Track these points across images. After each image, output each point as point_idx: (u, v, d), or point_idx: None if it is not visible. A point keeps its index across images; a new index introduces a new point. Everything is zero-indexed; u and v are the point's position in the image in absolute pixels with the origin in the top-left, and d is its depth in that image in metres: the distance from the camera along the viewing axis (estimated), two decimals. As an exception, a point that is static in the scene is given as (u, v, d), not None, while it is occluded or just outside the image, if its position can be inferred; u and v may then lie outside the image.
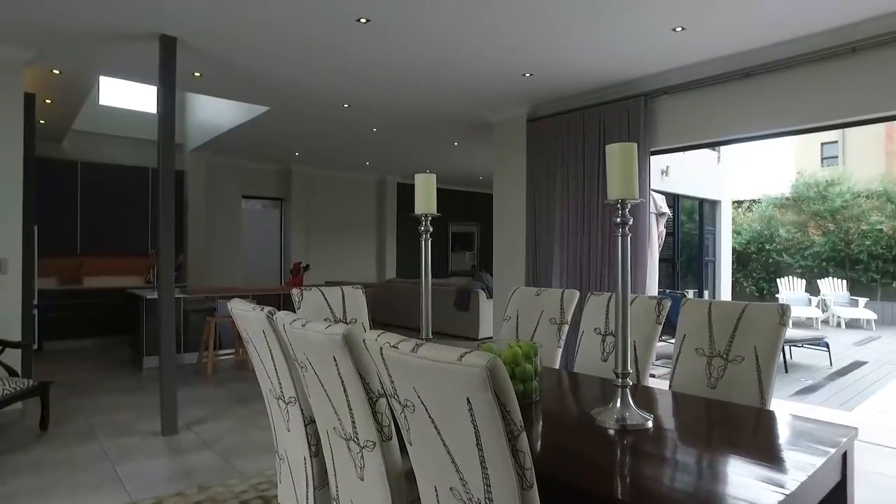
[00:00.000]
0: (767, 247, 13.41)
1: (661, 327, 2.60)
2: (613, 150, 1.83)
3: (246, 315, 2.03)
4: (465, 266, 13.05)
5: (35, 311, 5.87)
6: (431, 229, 2.69)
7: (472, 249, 13.28)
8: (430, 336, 2.69)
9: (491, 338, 8.52)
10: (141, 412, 4.67)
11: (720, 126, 4.76)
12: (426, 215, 2.66)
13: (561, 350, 2.99)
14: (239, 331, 2.25)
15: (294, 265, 7.47)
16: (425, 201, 2.67)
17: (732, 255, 11.19)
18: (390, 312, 10.30)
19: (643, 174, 5.09)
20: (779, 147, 9.33)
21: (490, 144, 7.69)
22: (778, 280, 12.51)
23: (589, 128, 5.51)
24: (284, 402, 2.01)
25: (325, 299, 3.15)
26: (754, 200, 14.18)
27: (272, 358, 1.96)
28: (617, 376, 1.84)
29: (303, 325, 1.61)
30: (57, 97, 5.78)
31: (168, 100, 4.24)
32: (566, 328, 3.01)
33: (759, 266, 13.58)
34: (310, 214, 10.29)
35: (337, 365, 1.52)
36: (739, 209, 13.96)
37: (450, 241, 12.77)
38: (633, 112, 5.16)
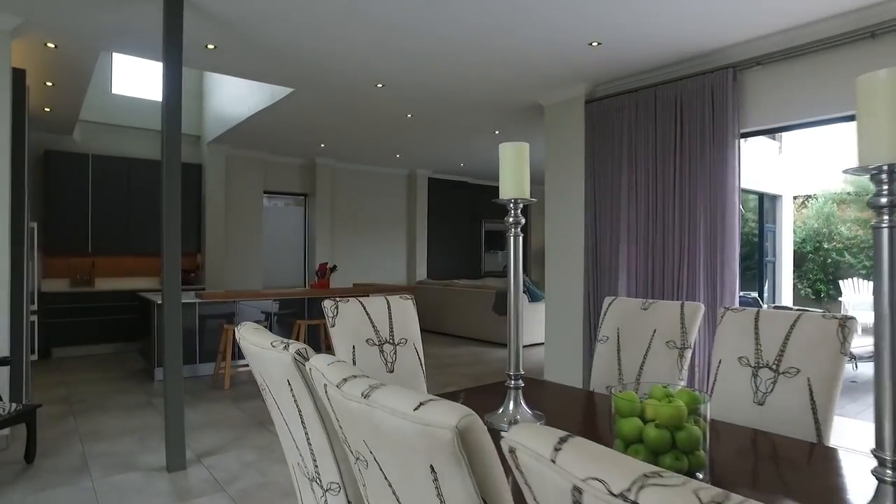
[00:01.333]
0: (826, 246, 12.41)
1: (845, 360, 1.83)
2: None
3: (262, 355, 1.32)
4: (497, 267, 12.29)
5: (35, 318, 5.27)
6: (523, 220, 1.94)
7: (504, 248, 12.51)
8: (520, 372, 1.95)
9: (540, 345, 7.81)
10: (146, 438, 4.01)
11: (833, 101, 3.94)
12: (515, 202, 1.90)
13: (684, 384, 2.23)
14: (252, 372, 1.55)
15: (320, 266, 6.80)
16: (515, 181, 1.92)
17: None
18: (421, 318, 9.58)
19: (731, 161, 4.29)
20: (838, 136, 8.41)
21: (538, 132, 6.92)
22: (840, 282, 11.51)
23: (663, 108, 4.72)
24: (322, 487, 1.29)
25: (367, 313, 2.44)
26: (809, 196, 13.16)
27: (303, 424, 1.24)
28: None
29: (364, 395, 0.88)
30: (58, 78, 5.17)
31: (173, 72, 3.55)
32: (689, 354, 2.25)
33: (816, 267, 12.57)
34: (335, 212, 9.62)
35: (437, 481, 0.80)
36: (793, 205, 12.97)
37: (483, 240, 12.02)
38: (718, 87, 4.36)
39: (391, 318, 2.51)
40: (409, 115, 6.41)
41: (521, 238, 1.94)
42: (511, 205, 1.92)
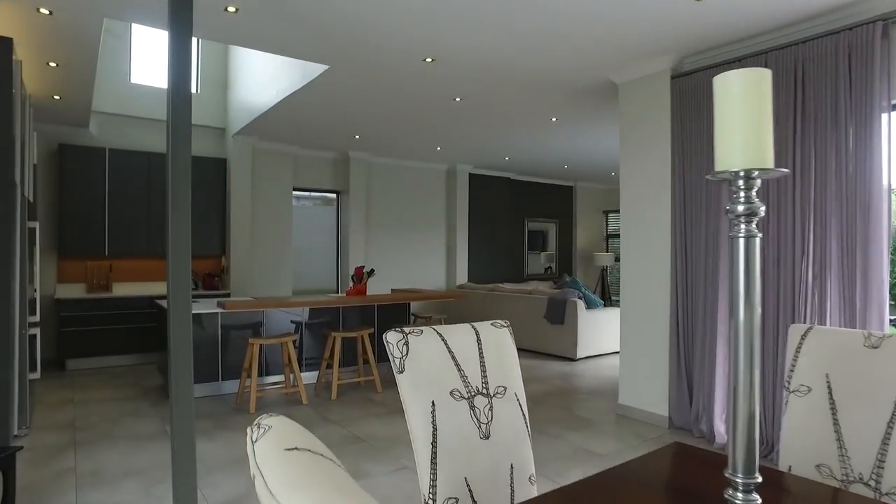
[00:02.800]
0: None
1: None
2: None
3: None
4: (538, 269, 11.43)
5: (38, 331, 4.63)
6: (762, 210, 1.10)
7: (547, 249, 11.63)
8: (756, 478, 1.10)
9: (600, 357, 6.92)
10: (152, 483, 3.30)
11: None
12: (748, 176, 1.05)
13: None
14: None
15: (356, 270, 6.06)
16: (749, 138, 1.05)
17: None
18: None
19: (876, 142, 3.40)
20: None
21: (605, 117, 6.08)
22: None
23: (777, 79, 3.84)
24: None
25: (449, 350, 1.65)
26: None
27: None
28: None
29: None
30: (61, 56, 4.52)
31: (181, 39, 2.84)
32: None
33: None
34: (370, 210, 8.89)
35: None
36: None
37: (526, 241, 11.17)
38: (858, 47, 3.47)
39: (482, 356, 1.72)
40: (457, 99, 5.62)
41: (756, 241, 1.06)
42: (740, 181, 1.05)
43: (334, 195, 8.81)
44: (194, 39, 7.56)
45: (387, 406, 5.02)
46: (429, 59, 4.50)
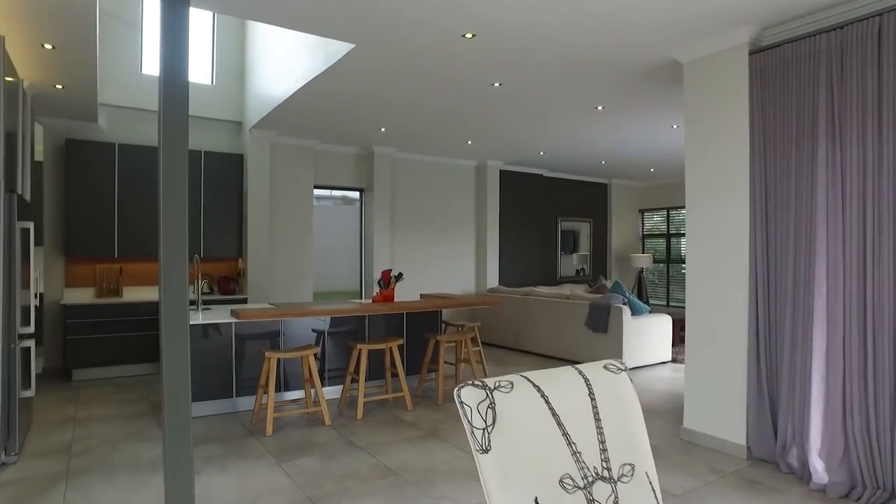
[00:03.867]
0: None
1: None
2: None
3: None
4: (569, 271, 10.78)
5: (31, 343, 4.16)
6: None
7: (578, 250, 10.97)
8: None
9: (648, 367, 6.25)
10: (150, 531, 2.78)
11: None
12: None
13: None
14: None
15: (383, 274, 5.52)
16: None
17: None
18: (497, 333, 8.23)
19: None
20: None
21: (659, 103, 5.46)
22: None
23: (891, 47, 3.20)
24: None
25: (551, 410, 1.06)
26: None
27: None
28: None
29: None
30: (55, 37, 4.05)
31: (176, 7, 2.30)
32: None
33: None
34: (395, 209, 8.36)
35: None
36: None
37: (559, 241, 10.55)
38: None
39: (598, 418, 1.15)
40: (496, 84, 5.05)
41: None
42: None
43: (356, 195, 8.28)
44: (209, 24, 7.10)
45: (419, 428, 4.46)
46: (468, 35, 3.94)
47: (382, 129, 6.88)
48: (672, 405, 5.11)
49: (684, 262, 11.19)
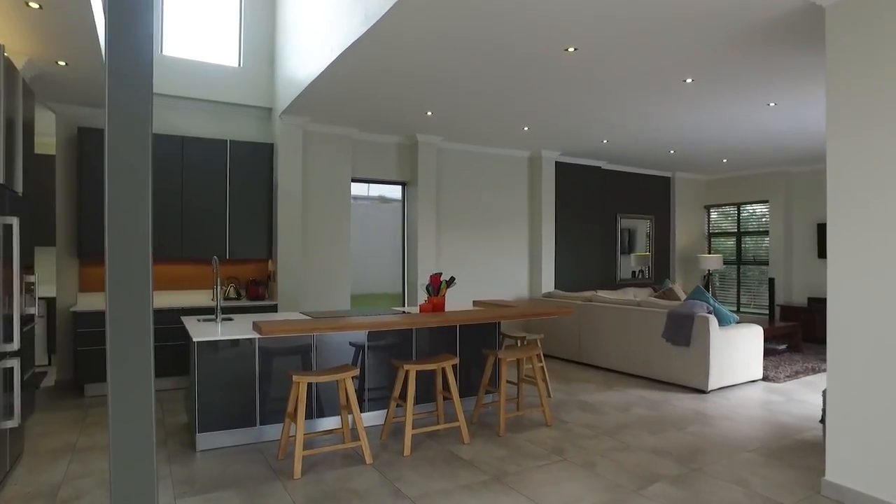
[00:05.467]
0: None
1: None
2: None
3: None
4: (626, 273, 9.76)
5: (16, 363, 3.48)
6: None
7: (635, 250, 9.91)
8: None
9: (739, 386, 5.20)
10: None
11: None
12: None
13: None
14: None
15: (432, 279, 4.69)
16: None
17: None
18: (557, 343, 7.32)
19: None
20: None
21: (764, 73, 4.47)
22: None
23: None
24: None
25: None
26: None
27: None
28: None
29: None
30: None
31: None
32: None
33: None
34: (441, 205, 7.53)
35: None
36: None
37: (619, 240, 9.56)
38: None
39: None
40: (569, 49, 4.16)
41: None
42: None
43: (394, 195, 7.48)
44: (237, 2, 6.39)
45: (480, 469, 3.61)
46: (547, -27, 3.07)
47: (429, 113, 6.05)
48: (789, 443, 4.13)
49: (758, 264, 10.10)
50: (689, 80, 4.84)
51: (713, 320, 5.63)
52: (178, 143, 5.87)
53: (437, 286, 4.68)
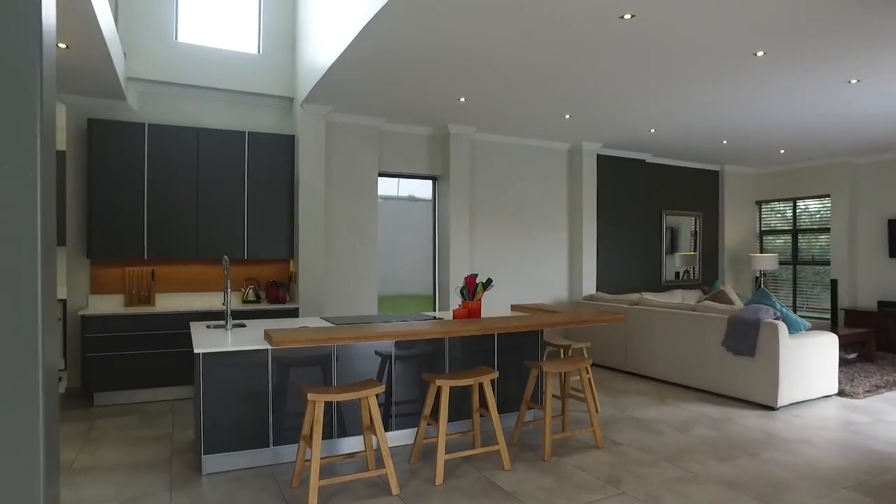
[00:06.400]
0: None
1: None
2: None
3: None
4: (670, 274, 9.08)
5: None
6: None
7: (679, 249, 9.22)
8: None
9: (807, 402, 4.53)
10: None
11: None
12: None
13: None
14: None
15: (467, 281, 4.18)
16: None
17: None
18: (604, 351, 6.73)
19: None
20: None
21: (852, 42, 3.83)
22: None
23: None
24: None
25: None
26: None
27: None
28: None
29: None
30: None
31: None
32: None
33: None
34: (474, 201, 7.01)
35: None
36: None
37: (664, 239, 8.91)
38: None
39: None
40: (625, 16, 3.60)
41: None
42: None
43: (426, 192, 6.98)
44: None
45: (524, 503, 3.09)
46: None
47: (461, 100, 5.54)
48: (893, 479, 3.50)
49: (817, 264, 9.29)
50: (759, 54, 4.22)
51: (782, 327, 4.99)
52: (194, 134, 5.48)
53: (473, 289, 4.16)
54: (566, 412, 4.30)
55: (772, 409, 4.96)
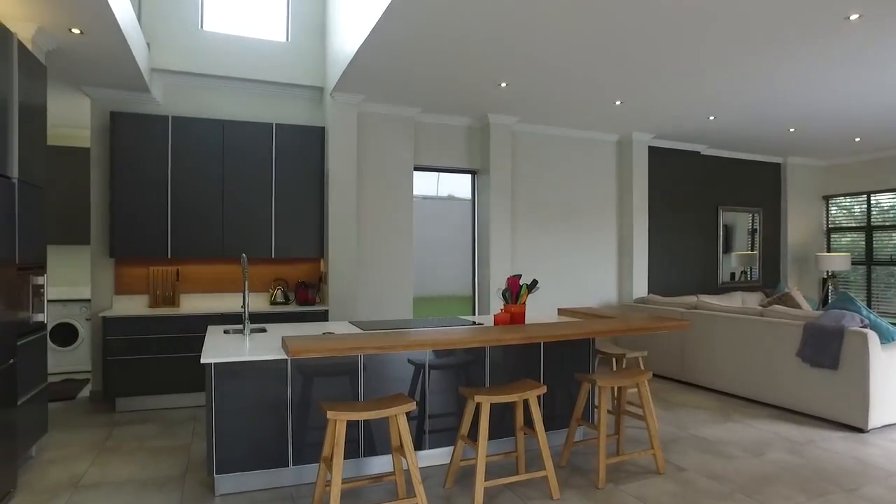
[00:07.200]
0: None
1: None
2: None
3: None
4: (725, 275, 8.39)
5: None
6: None
7: (733, 248, 8.51)
8: None
9: None
10: None
11: None
12: None
13: None
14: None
15: (509, 283, 3.74)
16: None
17: None
18: (653, 357, 6.18)
19: None
20: None
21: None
22: None
23: None
24: None
25: None
26: None
27: None
28: None
29: None
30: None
31: None
32: None
33: None
34: (516, 197, 6.55)
35: None
36: None
37: (720, 237, 8.26)
38: None
39: None
40: (694, -25, 3.11)
41: None
42: None
43: (465, 191, 6.55)
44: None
45: (579, 545, 2.62)
46: None
47: (503, 84, 5.09)
48: None
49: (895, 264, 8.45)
50: (853, 17, 3.64)
51: (872, 337, 4.37)
52: (219, 127, 5.20)
53: (517, 292, 3.72)
54: (621, 431, 3.81)
55: (861, 431, 4.34)
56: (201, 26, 5.40)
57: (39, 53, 4.00)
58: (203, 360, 2.87)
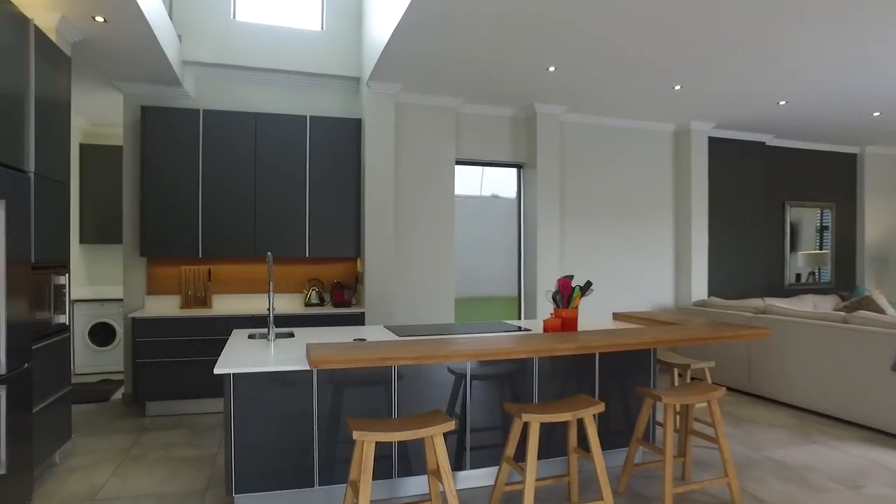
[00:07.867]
0: None
1: None
2: None
3: None
4: (791, 276, 7.71)
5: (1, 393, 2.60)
6: None
7: (800, 247, 7.81)
8: None
9: None
10: None
11: None
12: None
13: None
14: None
15: (560, 284, 3.35)
16: None
17: None
18: (727, 369, 5.65)
19: None
20: None
21: None
22: None
23: None
24: None
25: None
26: None
27: None
28: None
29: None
30: None
31: None
32: None
33: None
34: (565, 192, 6.13)
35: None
36: None
37: (787, 235, 7.61)
38: None
39: None
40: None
41: None
42: None
43: (510, 191, 6.17)
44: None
45: None
46: None
47: (550, 69, 4.69)
48: None
49: None
50: (965, -22, 3.11)
51: (975, 348, 3.78)
52: (252, 120, 4.98)
53: (568, 295, 3.32)
54: (688, 453, 3.37)
55: (965, 454, 3.77)
56: (234, 16, 5.19)
57: (65, 44, 3.84)
58: (217, 371, 2.59)
